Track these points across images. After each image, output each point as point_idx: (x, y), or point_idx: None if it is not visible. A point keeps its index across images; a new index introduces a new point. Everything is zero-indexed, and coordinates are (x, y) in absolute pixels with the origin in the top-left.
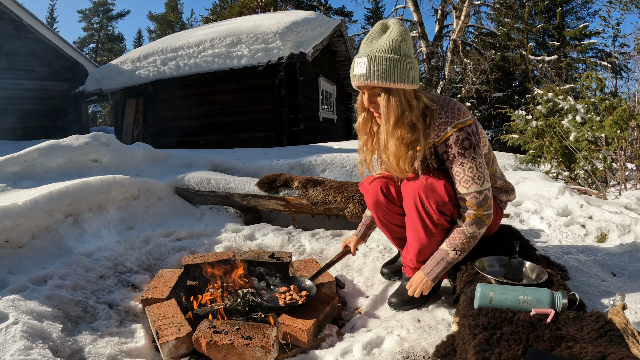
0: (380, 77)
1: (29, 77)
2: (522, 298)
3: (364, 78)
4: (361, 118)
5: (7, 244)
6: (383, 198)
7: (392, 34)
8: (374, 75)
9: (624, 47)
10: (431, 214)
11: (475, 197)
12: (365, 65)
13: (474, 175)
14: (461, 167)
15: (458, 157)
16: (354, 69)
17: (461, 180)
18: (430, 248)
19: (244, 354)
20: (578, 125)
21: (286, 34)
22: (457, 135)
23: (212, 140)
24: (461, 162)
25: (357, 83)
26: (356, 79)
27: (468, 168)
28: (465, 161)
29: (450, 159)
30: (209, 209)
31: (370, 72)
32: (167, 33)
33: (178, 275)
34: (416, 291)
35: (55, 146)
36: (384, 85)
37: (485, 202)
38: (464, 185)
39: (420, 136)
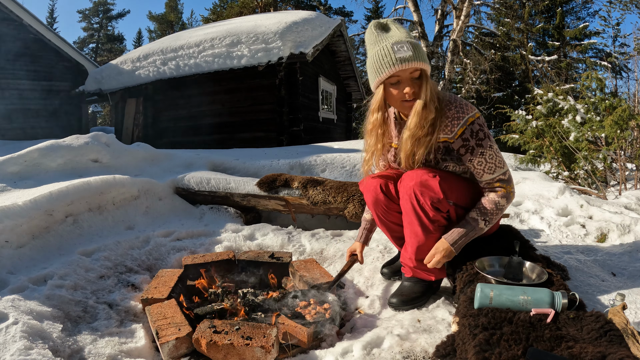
0: (423, 58)
1: (29, 77)
2: (522, 298)
3: (413, 59)
4: (378, 115)
5: (7, 244)
6: (382, 196)
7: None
8: (421, 57)
9: (624, 47)
10: (427, 210)
11: (501, 178)
12: (409, 48)
13: (495, 161)
14: (482, 156)
15: (477, 148)
16: (398, 53)
17: (485, 169)
18: (428, 245)
19: (244, 354)
20: (578, 125)
21: (286, 34)
22: (471, 129)
23: (212, 140)
24: (481, 152)
25: (405, 66)
26: (403, 62)
27: (489, 156)
28: (485, 150)
29: (470, 152)
30: (209, 209)
31: (416, 55)
32: (167, 33)
33: (178, 275)
34: (439, 261)
35: (55, 146)
36: (425, 67)
37: (511, 181)
38: (489, 172)
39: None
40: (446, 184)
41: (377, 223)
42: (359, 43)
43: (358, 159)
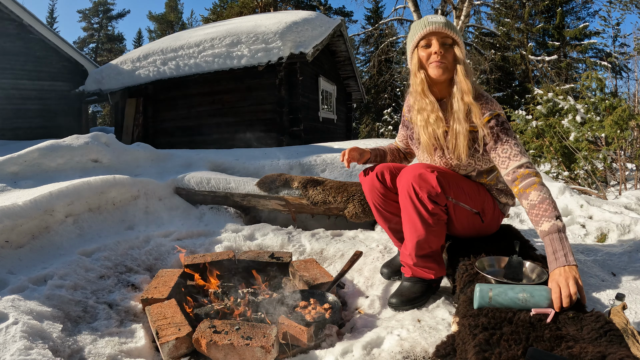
0: (456, 31)
1: (29, 77)
2: (521, 296)
3: (444, 25)
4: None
5: (7, 244)
6: (378, 183)
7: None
8: (451, 26)
9: (624, 47)
10: (426, 203)
11: (529, 166)
12: (442, 18)
13: (520, 150)
14: (507, 144)
15: (502, 135)
16: (430, 18)
17: (511, 155)
18: (429, 240)
19: (244, 354)
20: (578, 125)
21: (286, 34)
22: (497, 119)
23: (212, 140)
24: (506, 140)
25: (434, 28)
26: (434, 25)
27: (514, 144)
28: (509, 139)
29: (495, 139)
30: (209, 209)
31: (448, 23)
32: (167, 33)
33: (178, 275)
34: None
35: (55, 146)
36: (457, 40)
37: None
38: (515, 159)
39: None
40: (444, 179)
41: (375, 214)
42: (359, 43)
43: None
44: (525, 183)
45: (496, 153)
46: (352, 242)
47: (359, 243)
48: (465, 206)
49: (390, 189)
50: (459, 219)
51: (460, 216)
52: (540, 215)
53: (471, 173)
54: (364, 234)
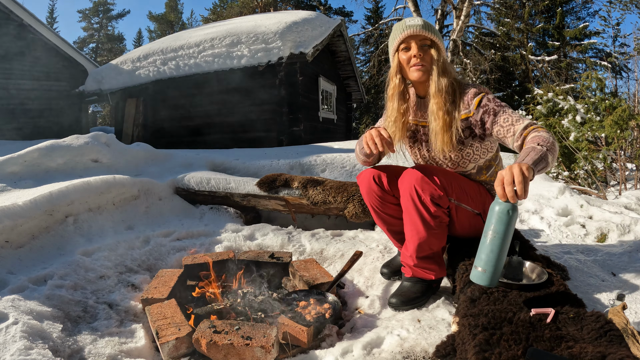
0: (434, 31)
1: (29, 77)
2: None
3: (421, 28)
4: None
5: (7, 244)
6: (375, 186)
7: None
8: (429, 28)
9: (624, 47)
10: (428, 205)
11: (533, 124)
12: (420, 20)
13: (519, 115)
14: (504, 113)
15: (497, 108)
16: (408, 21)
17: (513, 121)
18: (430, 242)
19: (244, 354)
20: (578, 125)
21: (286, 34)
22: (487, 97)
23: (212, 140)
24: (503, 111)
25: (412, 32)
26: (411, 28)
27: (511, 112)
28: (506, 109)
29: (492, 113)
30: (209, 209)
31: (425, 25)
32: (167, 33)
33: (178, 275)
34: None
35: (55, 146)
36: (435, 39)
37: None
38: (518, 123)
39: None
40: (447, 180)
41: (374, 216)
42: (359, 43)
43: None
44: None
45: (499, 125)
46: (352, 242)
47: (359, 243)
48: (467, 207)
49: (387, 192)
50: (460, 220)
51: (462, 217)
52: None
53: (471, 171)
54: (364, 234)
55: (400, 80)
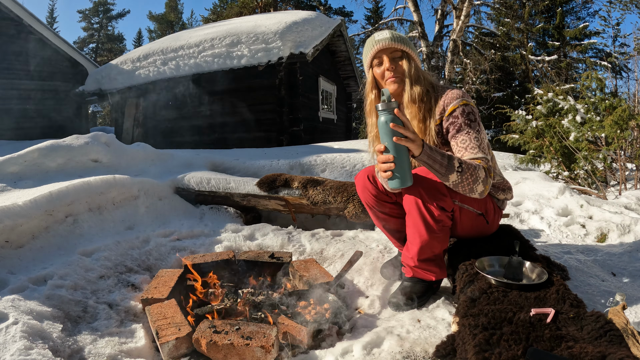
0: (403, 42)
1: (29, 77)
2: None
3: (389, 40)
4: (373, 95)
5: (7, 244)
6: (369, 184)
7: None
8: (397, 39)
9: (624, 47)
10: (432, 209)
11: (484, 161)
12: (388, 33)
13: (480, 145)
14: (467, 135)
15: (464, 126)
16: (376, 37)
17: (468, 147)
18: (432, 245)
19: (244, 354)
20: (578, 125)
21: (286, 34)
22: (464, 109)
23: (212, 140)
24: (467, 132)
25: (381, 46)
26: (380, 43)
27: (474, 137)
28: (472, 131)
29: (457, 129)
30: (209, 209)
31: (394, 37)
32: (167, 33)
33: (178, 275)
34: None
35: (55, 146)
36: (406, 50)
37: (491, 172)
38: (471, 152)
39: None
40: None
41: (370, 214)
42: (359, 43)
43: (358, 159)
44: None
45: (455, 142)
46: (352, 242)
47: (359, 243)
48: (470, 208)
49: (381, 191)
50: (462, 221)
51: (465, 218)
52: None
53: None
54: (364, 234)
55: (376, 95)
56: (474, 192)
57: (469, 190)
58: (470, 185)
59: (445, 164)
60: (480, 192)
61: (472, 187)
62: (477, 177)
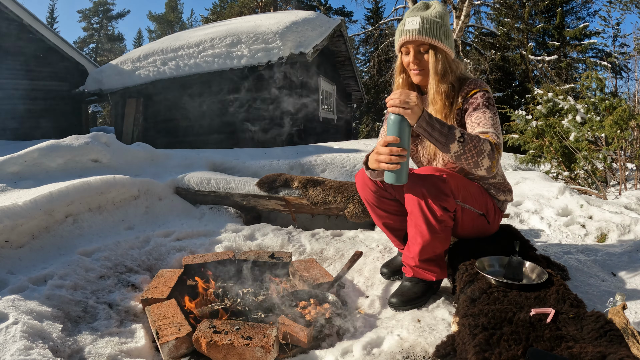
0: (432, 34)
1: (29, 77)
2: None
3: (417, 33)
4: (400, 80)
5: (7, 244)
6: (369, 181)
7: (437, 7)
8: (426, 31)
9: (624, 47)
10: (434, 210)
11: (493, 135)
12: (418, 22)
13: (494, 123)
14: (483, 113)
15: (482, 106)
16: (405, 25)
17: (480, 122)
18: (433, 245)
19: (244, 354)
20: (578, 125)
21: (286, 34)
22: (485, 93)
23: (212, 140)
24: (484, 110)
25: (408, 38)
26: (407, 34)
27: (489, 116)
28: (488, 111)
29: (474, 107)
30: (209, 209)
31: (423, 28)
32: (167, 33)
33: (178, 275)
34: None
35: (55, 146)
36: (434, 43)
37: (500, 148)
38: (482, 127)
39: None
40: (454, 182)
41: (371, 213)
42: (359, 43)
43: (358, 159)
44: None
45: (470, 119)
46: (352, 242)
47: (359, 243)
48: (472, 208)
49: (381, 188)
50: (464, 221)
51: (466, 218)
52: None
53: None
54: (364, 234)
55: (404, 79)
56: (480, 167)
57: (474, 164)
58: (474, 157)
59: (445, 132)
60: (487, 168)
61: (477, 161)
62: (482, 150)
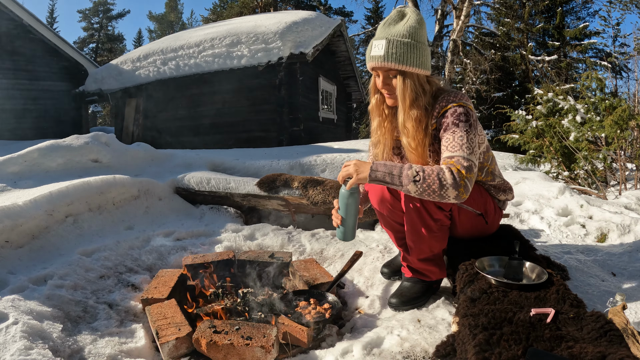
0: (398, 59)
1: (29, 77)
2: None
3: (381, 60)
4: (374, 100)
5: (7, 244)
6: (389, 195)
7: (409, 20)
8: (391, 57)
9: (624, 47)
10: (430, 210)
11: (459, 160)
12: (383, 47)
13: (462, 143)
14: (452, 134)
15: (451, 125)
16: (371, 50)
17: (448, 146)
18: (430, 245)
19: (244, 354)
20: (578, 125)
21: (286, 34)
22: (456, 109)
23: (212, 140)
24: (453, 131)
25: (374, 64)
26: (373, 60)
27: (458, 136)
28: (457, 130)
29: (444, 128)
30: (209, 209)
31: (388, 54)
32: (167, 33)
33: (178, 275)
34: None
35: (55, 146)
36: (400, 68)
37: (470, 171)
38: (449, 150)
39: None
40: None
41: (381, 223)
42: (359, 43)
43: (358, 159)
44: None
45: (442, 142)
46: (352, 242)
47: (359, 243)
48: (469, 208)
49: (398, 198)
50: (462, 221)
51: (464, 219)
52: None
53: None
54: (364, 234)
55: (378, 99)
56: (447, 198)
57: (439, 197)
58: (436, 192)
59: (397, 179)
60: (454, 197)
61: (441, 194)
62: (443, 184)
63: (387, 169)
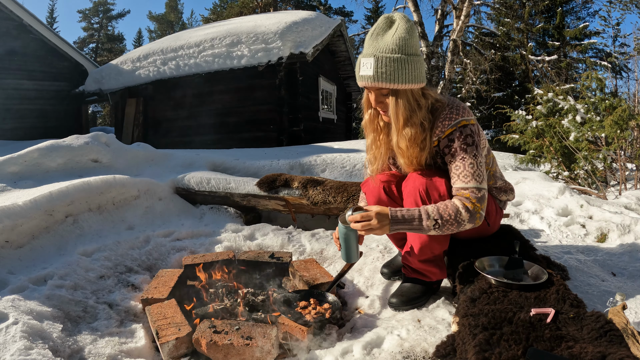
0: (388, 78)
1: (29, 77)
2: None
3: (371, 80)
4: (367, 115)
5: (7, 244)
6: (385, 197)
7: (398, 31)
8: (381, 77)
9: (624, 47)
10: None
11: (474, 192)
12: (372, 66)
13: (474, 172)
14: (462, 161)
15: (460, 151)
16: (360, 69)
17: (460, 175)
18: (432, 246)
19: (244, 354)
20: (578, 125)
21: (286, 34)
22: (461, 131)
23: (212, 140)
24: (462, 157)
25: (364, 84)
26: (362, 79)
27: (469, 164)
28: (467, 157)
29: (452, 153)
30: (209, 209)
31: (378, 74)
32: (167, 33)
33: (178, 275)
34: (363, 224)
35: (55, 146)
36: (392, 87)
37: (483, 201)
38: (462, 180)
39: (428, 134)
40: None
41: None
42: (359, 43)
43: (358, 159)
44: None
45: (450, 167)
46: None
47: None
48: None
49: (395, 201)
50: None
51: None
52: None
53: None
54: None
55: (372, 114)
56: (464, 229)
57: (457, 232)
58: (455, 229)
59: (417, 228)
60: (471, 227)
61: (459, 230)
62: (460, 222)
63: (406, 224)
